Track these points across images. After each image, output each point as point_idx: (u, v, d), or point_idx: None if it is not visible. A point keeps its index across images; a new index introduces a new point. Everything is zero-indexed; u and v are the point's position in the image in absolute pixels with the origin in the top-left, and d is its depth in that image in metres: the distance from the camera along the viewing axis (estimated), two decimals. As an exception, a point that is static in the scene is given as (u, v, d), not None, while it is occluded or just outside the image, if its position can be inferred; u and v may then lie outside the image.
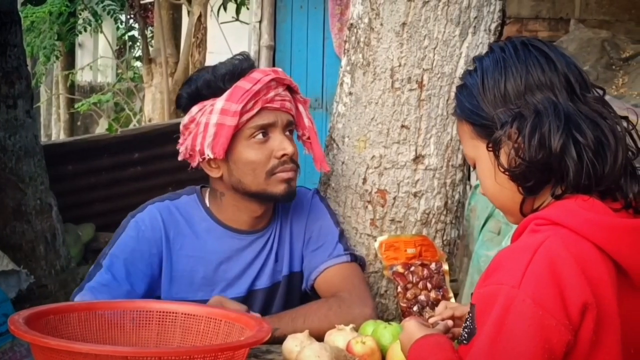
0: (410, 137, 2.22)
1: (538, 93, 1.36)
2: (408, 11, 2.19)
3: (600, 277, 1.28)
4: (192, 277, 2.04)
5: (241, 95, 1.96)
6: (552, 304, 1.25)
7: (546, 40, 1.44)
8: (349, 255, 2.12)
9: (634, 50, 5.66)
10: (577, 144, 1.32)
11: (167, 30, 8.03)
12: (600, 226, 1.30)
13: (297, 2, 6.51)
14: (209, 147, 1.96)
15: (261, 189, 2.00)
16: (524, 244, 1.33)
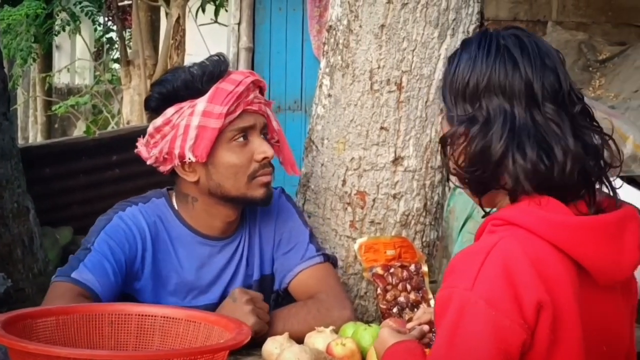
0: (390, 138, 2.23)
1: (495, 98, 1.35)
2: (387, 13, 2.20)
3: (557, 276, 1.28)
4: (167, 282, 2.00)
5: (225, 97, 1.93)
6: (505, 304, 1.25)
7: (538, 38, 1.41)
8: (322, 256, 2.10)
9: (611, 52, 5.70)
10: (514, 160, 1.32)
11: (145, 32, 7.99)
12: (554, 225, 1.30)
13: (275, 4, 6.50)
14: (190, 149, 1.92)
15: (241, 193, 1.97)
16: (478, 245, 1.33)
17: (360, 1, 2.22)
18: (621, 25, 6.02)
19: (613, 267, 1.32)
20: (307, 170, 2.37)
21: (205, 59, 2.02)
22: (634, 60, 5.45)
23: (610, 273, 1.33)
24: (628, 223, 1.34)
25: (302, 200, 2.38)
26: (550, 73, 1.36)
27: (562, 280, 1.28)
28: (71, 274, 1.87)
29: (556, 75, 1.36)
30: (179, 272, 2.01)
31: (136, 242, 1.96)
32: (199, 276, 2.02)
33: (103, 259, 1.90)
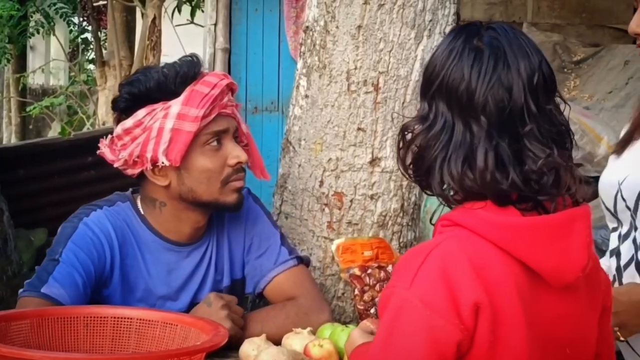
0: (367, 139, 2.23)
1: (441, 102, 1.34)
2: (363, 14, 2.20)
3: (498, 277, 1.27)
4: (135, 288, 1.96)
5: (201, 99, 1.88)
6: (440, 305, 1.24)
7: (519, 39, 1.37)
8: (295, 259, 2.07)
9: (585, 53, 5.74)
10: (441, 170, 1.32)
11: (121, 32, 7.95)
12: (496, 226, 1.29)
13: (252, 4, 6.49)
14: (164, 153, 1.87)
15: (214, 198, 1.93)
16: (422, 246, 1.33)
17: (337, 2, 2.22)
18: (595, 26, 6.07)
19: (559, 268, 1.30)
20: (284, 171, 2.37)
21: (177, 60, 1.97)
22: (607, 62, 5.50)
23: (557, 274, 1.31)
24: (575, 223, 1.32)
25: (280, 201, 2.37)
26: (500, 88, 1.31)
27: (503, 281, 1.27)
28: (41, 289, 1.81)
29: (508, 91, 1.31)
30: (146, 279, 1.96)
31: (104, 249, 1.91)
32: (166, 283, 1.98)
33: (73, 271, 1.85)
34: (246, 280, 2.08)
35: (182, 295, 2.00)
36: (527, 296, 1.29)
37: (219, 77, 1.96)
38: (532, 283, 1.30)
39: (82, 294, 1.85)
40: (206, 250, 2.03)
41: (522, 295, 1.28)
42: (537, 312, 1.31)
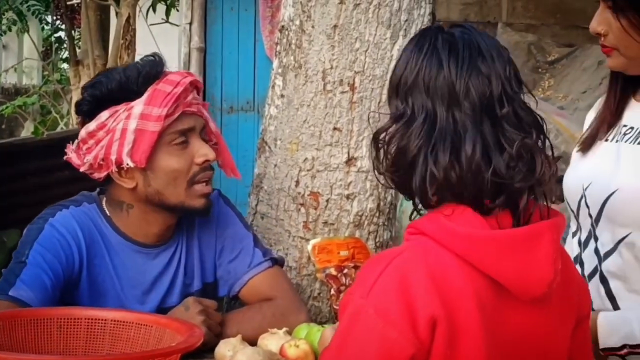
0: (343, 139, 2.22)
1: (419, 97, 1.33)
2: (339, 14, 2.20)
3: (459, 290, 1.25)
4: (103, 289, 1.93)
5: (163, 98, 1.86)
6: (395, 316, 1.22)
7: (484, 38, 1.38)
8: (270, 260, 2.05)
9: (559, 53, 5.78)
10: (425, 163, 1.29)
11: (95, 31, 7.89)
12: (460, 237, 1.27)
13: (227, 4, 6.47)
14: (128, 154, 1.84)
15: (180, 201, 1.90)
16: (384, 254, 1.31)
17: (312, 1, 2.22)
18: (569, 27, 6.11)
19: (525, 282, 1.28)
20: (260, 171, 2.36)
21: (139, 60, 1.95)
22: (581, 62, 5.53)
23: (523, 288, 1.29)
24: (542, 238, 1.30)
25: (255, 201, 2.36)
26: (479, 75, 1.32)
27: (463, 295, 1.25)
28: (9, 292, 1.78)
29: (487, 78, 1.32)
30: (114, 280, 1.94)
31: (71, 250, 1.89)
32: (134, 284, 1.96)
33: (40, 272, 1.82)
34: (219, 284, 2.06)
35: (150, 298, 1.97)
36: (490, 309, 1.27)
37: (182, 75, 1.93)
38: (498, 296, 1.28)
39: (51, 296, 1.82)
40: (175, 253, 2.00)
41: (482, 309, 1.26)
42: (500, 326, 1.29)
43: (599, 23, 1.75)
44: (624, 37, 1.70)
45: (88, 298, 1.91)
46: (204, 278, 2.04)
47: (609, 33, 1.73)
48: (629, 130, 1.77)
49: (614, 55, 1.75)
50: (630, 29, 1.69)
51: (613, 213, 1.73)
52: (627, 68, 1.76)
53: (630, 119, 1.79)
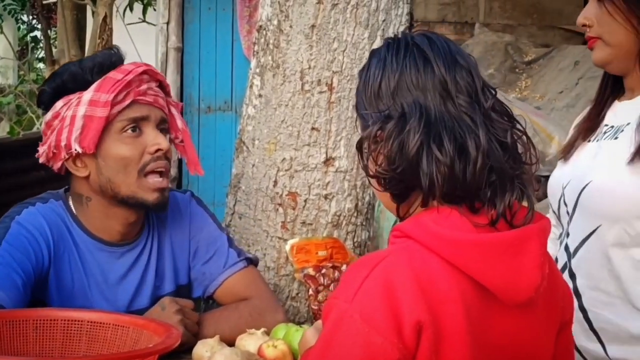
0: (321, 139, 2.22)
1: (408, 94, 1.31)
2: (317, 13, 2.19)
3: (445, 294, 1.24)
4: (72, 288, 1.91)
5: (112, 85, 1.85)
6: (380, 321, 1.21)
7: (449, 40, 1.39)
8: (245, 261, 2.04)
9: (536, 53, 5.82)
10: (430, 154, 1.27)
11: (71, 31, 7.84)
12: (444, 240, 1.25)
13: (205, 3, 6.45)
14: (77, 140, 1.85)
15: (131, 191, 1.88)
16: (368, 258, 1.29)
17: (290, 1, 2.21)
18: (546, 27, 6.15)
19: (511, 287, 1.27)
20: (237, 171, 2.35)
21: (97, 52, 1.97)
22: (558, 62, 5.58)
23: (509, 292, 1.27)
24: (529, 242, 1.28)
25: (233, 201, 2.36)
26: (462, 69, 1.33)
27: (449, 299, 1.24)
28: None
29: (468, 71, 1.33)
30: (81, 278, 1.92)
31: (40, 247, 1.87)
32: (101, 283, 1.94)
33: (11, 272, 1.79)
34: (193, 285, 2.04)
35: (117, 298, 1.95)
36: (476, 314, 1.26)
37: (136, 64, 1.92)
38: (484, 300, 1.27)
39: (23, 295, 1.80)
40: (141, 254, 1.98)
41: (469, 313, 1.25)
42: (486, 330, 1.28)
43: (585, 16, 1.77)
44: (609, 24, 1.72)
45: (57, 295, 1.89)
46: (177, 280, 2.02)
47: (594, 24, 1.75)
48: (609, 129, 1.79)
49: (598, 46, 1.76)
50: (615, 13, 1.71)
51: (585, 205, 1.74)
52: (611, 59, 1.77)
53: (610, 119, 1.81)
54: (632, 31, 1.72)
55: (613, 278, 1.72)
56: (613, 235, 1.71)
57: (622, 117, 1.77)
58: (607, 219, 1.71)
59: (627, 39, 1.73)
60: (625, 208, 1.68)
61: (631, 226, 1.68)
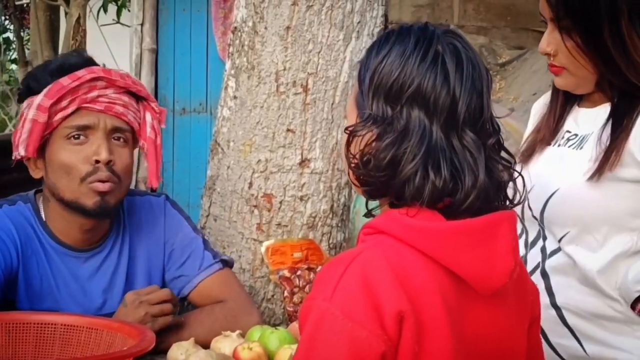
0: (296, 141, 2.22)
1: (417, 109, 1.27)
2: (292, 15, 2.19)
3: (423, 285, 1.24)
4: (41, 290, 1.90)
5: (57, 90, 1.85)
6: (362, 315, 1.20)
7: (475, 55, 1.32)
8: (220, 263, 2.04)
9: (510, 55, 5.86)
10: (426, 177, 1.25)
11: (44, 32, 7.79)
12: (419, 231, 1.25)
13: (179, 4, 6.43)
14: (23, 144, 1.85)
15: (74, 197, 1.87)
16: (343, 256, 1.29)
17: (265, 3, 2.21)
18: (520, 30, 6.20)
19: (485, 274, 1.27)
20: (213, 173, 2.35)
21: (65, 53, 1.96)
22: (531, 64, 5.62)
23: (483, 280, 1.27)
24: (499, 228, 1.28)
25: (208, 203, 2.35)
26: (477, 97, 1.28)
27: (428, 289, 1.24)
28: None
29: (482, 99, 1.28)
30: (50, 280, 1.91)
31: (8, 248, 1.86)
32: (67, 286, 1.93)
33: None
34: (168, 288, 2.04)
35: (86, 301, 1.94)
36: (454, 304, 1.27)
37: (89, 70, 1.90)
38: (459, 291, 1.28)
39: None
40: (107, 258, 1.97)
41: (447, 304, 1.25)
42: (463, 321, 1.28)
43: (548, 43, 1.76)
44: (572, 58, 1.72)
45: (26, 297, 1.88)
46: (151, 284, 2.00)
47: (558, 53, 1.75)
48: (573, 136, 1.80)
49: (564, 75, 1.77)
50: (574, 50, 1.71)
51: (553, 213, 1.76)
52: (575, 88, 1.78)
53: (571, 125, 1.82)
54: (594, 72, 1.73)
55: (584, 280, 1.74)
56: (582, 241, 1.73)
57: (585, 127, 1.79)
58: (575, 226, 1.73)
59: (591, 71, 1.73)
60: (592, 215, 1.71)
61: (598, 232, 1.71)
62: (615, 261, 1.70)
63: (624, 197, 1.67)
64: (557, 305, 1.77)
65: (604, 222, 1.70)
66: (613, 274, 1.70)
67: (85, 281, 1.95)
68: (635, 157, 1.65)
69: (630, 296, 1.67)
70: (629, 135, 1.67)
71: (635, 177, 1.66)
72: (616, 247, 1.70)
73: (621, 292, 1.69)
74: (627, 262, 1.70)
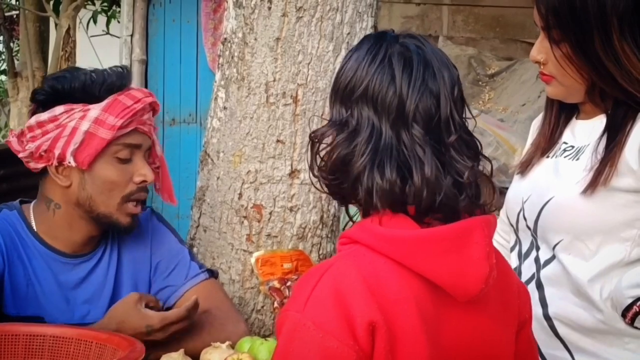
0: (286, 151, 2.22)
1: (366, 108, 1.30)
2: (282, 26, 2.20)
3: (397, 294, 1.25)
4: (26, 296, 1.90)
5: (122, 110, 1.88)
6: (334, 326, 1.22)
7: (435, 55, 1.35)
8: (206, 272, 2.06)
9: (499, 66, 5.88)
10: (371, 176, 1.28)
11: (34, 43, 7.77)
12: (391, 240, 1.27)
13: (169, 15, 6.43)
14: (72, 153, 1.86)
15: (109, 212, 1.91)
16: (316, 267, 1.30)
17: (255, 14, 2.22)
18: (508, 40, 6.22)
19: (460, 281, 1.28)
20: (202, 183, 2.34)
21: (108, 68, 1.96)
22: (520, 75, 5.64)
23: (459, 287, 1.28)
24: (473, 234, 1.29)
25: (198, 214, 2.35)
26: (430, 96, 1.30)
27: (401, 298, 1.25)
28: None
29: (436, 99, 1.30)
30: (34, 286, 1.91)
31: None
32: (53, 292, 1.93)
33: None
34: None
35: (72, 308, 1.94)
36: (430, 312, 1.27)
37: (145, 93, 1.96)
38: (436, 298, 1.28)
39: None
40: (96, 267, 1.98)
41: (423, 312, 1.26)
42: (441, 328, 1.28)
43: (538, 51, 1.77)
44: (560, 67, 1.74)
45: (12, 302, 1.88)
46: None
47: (548, 62, 1.76)
48: (569, 147, 1.82)
49: (553, 84, 1.78)
50: (562, 59, 1.72)
51: (547, 221, 1.77)
52: (565, 97, 1.80)
53: (569, 137, 1.84)
54: (582, 82, 1.74)
55: (576, 290, 1.74)
56: (574, 249, 1.73)
57: (581, 138, 1.80)
58: (568, 234, 1.73)
59: (580, 81, 1.75)
60: (585, 224, 1.72)
61: (592, 240, 1.71)
62: (607, 271, 1.71)
63: (618, 207, 1.68)
64: (549, 316, 1.78)
65: (597, 231, 1.71)
66: (604, 284, 1.71)
67: (70, 289, 1.95)
68: (630, 166, 1.66)
69: (622, 303, 1.68)
70: (624, 146, 1.67)
71: (629, 187, 1.67)
72: (609, 256, 1.70)
73: (613, 301, 1.69)
74: (618, 272, 1.70)
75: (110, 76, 1.93)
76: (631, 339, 1.70)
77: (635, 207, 1.67)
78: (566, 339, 1.76)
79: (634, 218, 1.67)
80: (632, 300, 1.66)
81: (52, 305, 1.92)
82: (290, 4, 2.18)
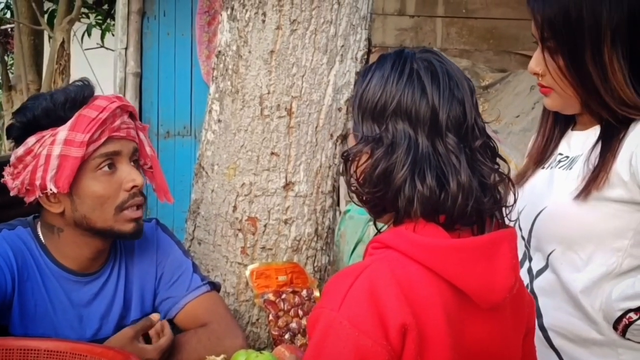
0: (280, 164, 2.22)
1: (400, 122, 1.36)
2: (276, 39, 2.20)
3: (426, 299, 1.30)
4: (37, 314, 1.89)
5: (87, 124, 1.84)
6: (368, 325, 1.27)
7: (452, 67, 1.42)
8: (208, 285, 2.05)
9: (493, 78, 5.90)
10: (413, 185, 1.34)
11: (28, 56, 7.78)
12: (424, 247, 1.32)
13: (164, 28, 6.44)
14: (52, 180, 1.83)
15: (108, 225, 1.89)
16: (352, 268, 1.35)
17: (249, 27, 2.22)
18: (502, 52, 6.24)
19: (487, 289, 1.34)
20: (197, 196, 2.34)
21: (68, 85, 1.94)
22: (514, 87, 5.65)
23: (485, 295, 1.34)
24: (501, 245, 1.36)
25: (192, 226, 2.34)
26: (457, 104, 1.37)
27: (431, 303, 1.30)
28: None
29: (463, 107, 1.37)
30: (46, 305, 1.91)
31: (3, 273, 1.85)
32: (66, 311, 1.92)
33: None
34: (158, 311, 2.04)
35: (83, 326, 1.94)
36: (455, 317, 1.32)
37: (110, 100, 1.91)
38: (460, 304, 1.33)
39: None
40: (107, 282, 1.98)
41: (449, 317, 1.31)
42: (463, 333, 1.33)
43: (537, 63, 1.79)
44: (559, 79, 1.75)
45: (20, 322, 1.87)
46: (144, 308, 2.02)
47: (546, 73, 1.77)
48: (564, 158, 1.83)
49: (552, 96, 1.79)
50: (556, 72, 1.74)
51: (540, 231, 1.78)
52: (563, 108, 1.81)
53: (564, 148, 1.85)
54: (574, 94, 1.75)
55: (570, 301, 1.74)
56: (567, 259, 1.74)
57: (576, 149, 1.82)
58: (561, 244, 1.74)
59: (572, 94, 1.76)
60: (577, 232, 1.72)
61: (583, 250, 1.72)
62: (599, 282, 1.71)
63: (610, 217, 1.69)
64: (544, 327, 1.78)
65: (589, 241, 1.71)
66: (597, 295, 1.71)
67: (82, 307, 1.94)
68: (621, 177, 1.67)
69: (613, 315, 1.68)
70: (617, 156, 1.68)
71: (621, 197, 1.68)
72: (600, 266, 1.71)
73: (604, 313, 1.70)
74: (611, 283, 1.70)
75: (70, 92, 1.89)
76: (625, 350, 1.70)
77: (625, 217, 1.68)
78: (561, 350, 1.76)
79: (625, 228, 1.68)
80: (622, 312, 1.67)
81: (65, 324, 1.92)
82: (284, 17, 2.19)
